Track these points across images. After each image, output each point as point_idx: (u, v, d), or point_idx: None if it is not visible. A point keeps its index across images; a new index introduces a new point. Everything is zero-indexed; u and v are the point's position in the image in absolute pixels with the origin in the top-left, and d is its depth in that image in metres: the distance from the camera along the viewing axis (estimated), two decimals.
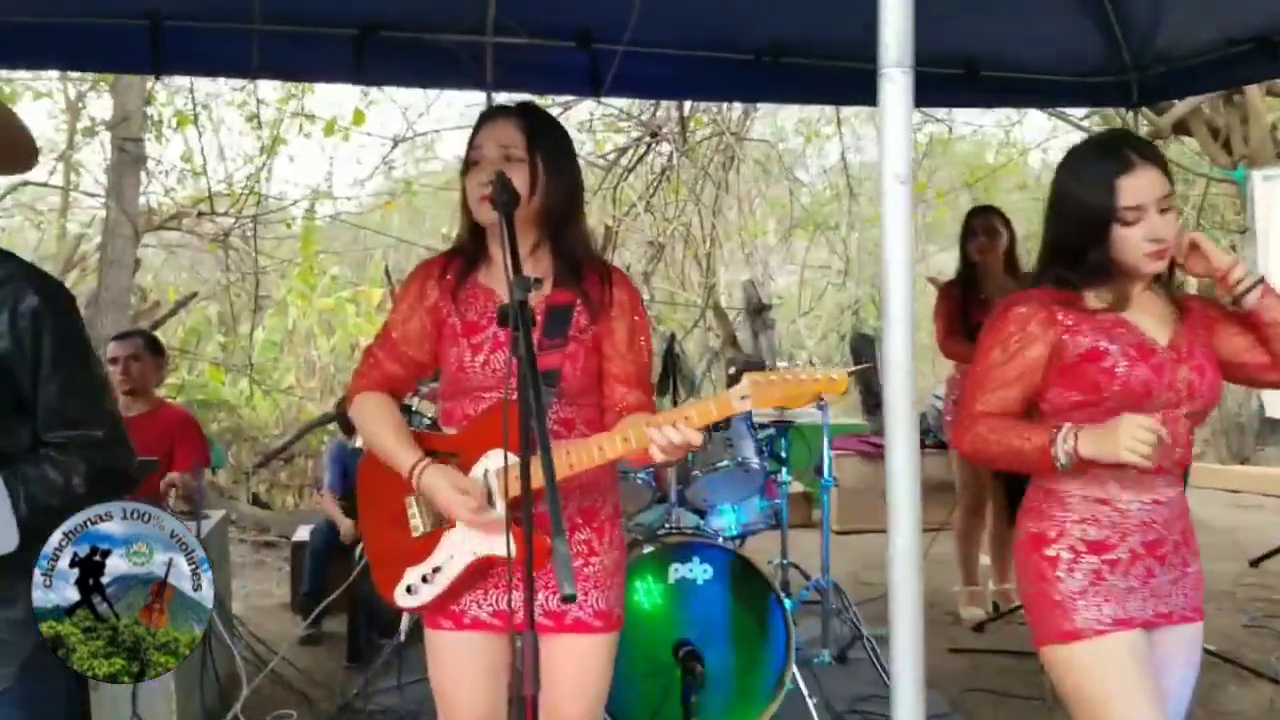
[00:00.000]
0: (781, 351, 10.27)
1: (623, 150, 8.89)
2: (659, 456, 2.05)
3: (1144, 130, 5.86)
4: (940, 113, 9.65)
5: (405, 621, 3.93)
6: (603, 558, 2.25)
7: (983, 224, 4.98)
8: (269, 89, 8.85)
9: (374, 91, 8.10)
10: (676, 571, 3.44)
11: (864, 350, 8.48)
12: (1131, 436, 2.01)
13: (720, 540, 3.75)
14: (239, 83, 8.26)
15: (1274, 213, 8.61)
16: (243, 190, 8.93)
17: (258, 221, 8.72)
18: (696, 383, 4.77)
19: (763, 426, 4.22)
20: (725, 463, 3.75)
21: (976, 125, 12.44)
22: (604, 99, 6.89)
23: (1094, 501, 2.18)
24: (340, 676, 4.59)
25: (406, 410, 4.21)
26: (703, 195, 9.28)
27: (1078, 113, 9.90)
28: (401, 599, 2.21)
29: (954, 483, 5.35)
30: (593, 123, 9.07)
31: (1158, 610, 2.19)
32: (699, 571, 3.45)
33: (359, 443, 4.44)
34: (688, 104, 8.29)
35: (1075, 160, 2.24)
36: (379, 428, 2.25)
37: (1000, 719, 4.13)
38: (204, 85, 8.81)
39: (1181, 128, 10.37)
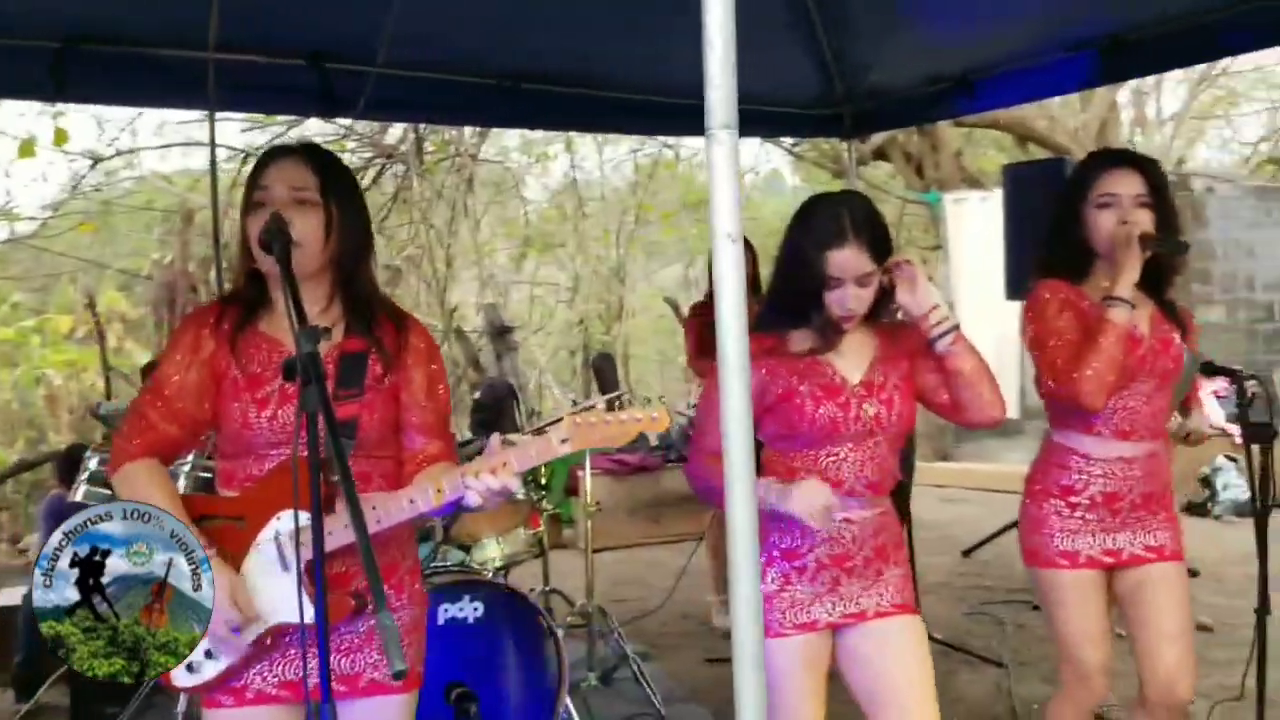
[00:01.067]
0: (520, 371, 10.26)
1: (355, 171, 8.61)
2: (476, 502, 1.98)
3: (852, 157, 6.28)
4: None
5: (182, 703, 3.58)
6: (401, 614, 2.15)
7: None
8: None
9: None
10: (446, 612, 3.35)
11: (606, 369, 8.62)
12: (806, 501, 2.24)
13: (489, 574, 3.69)
14: None
15: (962, 233, 9.42)
16: None
17: None
18: None
19: None
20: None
21: (695, 149, 12.92)
22: (334, 119, 6.69)
23: (787, 517, 2.34)
24: None
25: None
26: (436, 217, 9.15)
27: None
28: (180, 678, 2.01)
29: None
30: (303, 138, 8.70)
31: (846, 613, 2.41)
32: (469, 610, 3.38)
33: (80, 495, 4.04)
34: (423, 125, 8.14)
35: (805, 219, 2.42)
36: (149, 496, 1.98)
37: None
38: None
39: (880, 153, 11.25)
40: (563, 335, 15.24)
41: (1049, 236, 2.86)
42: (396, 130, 8.43)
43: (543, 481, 4.15)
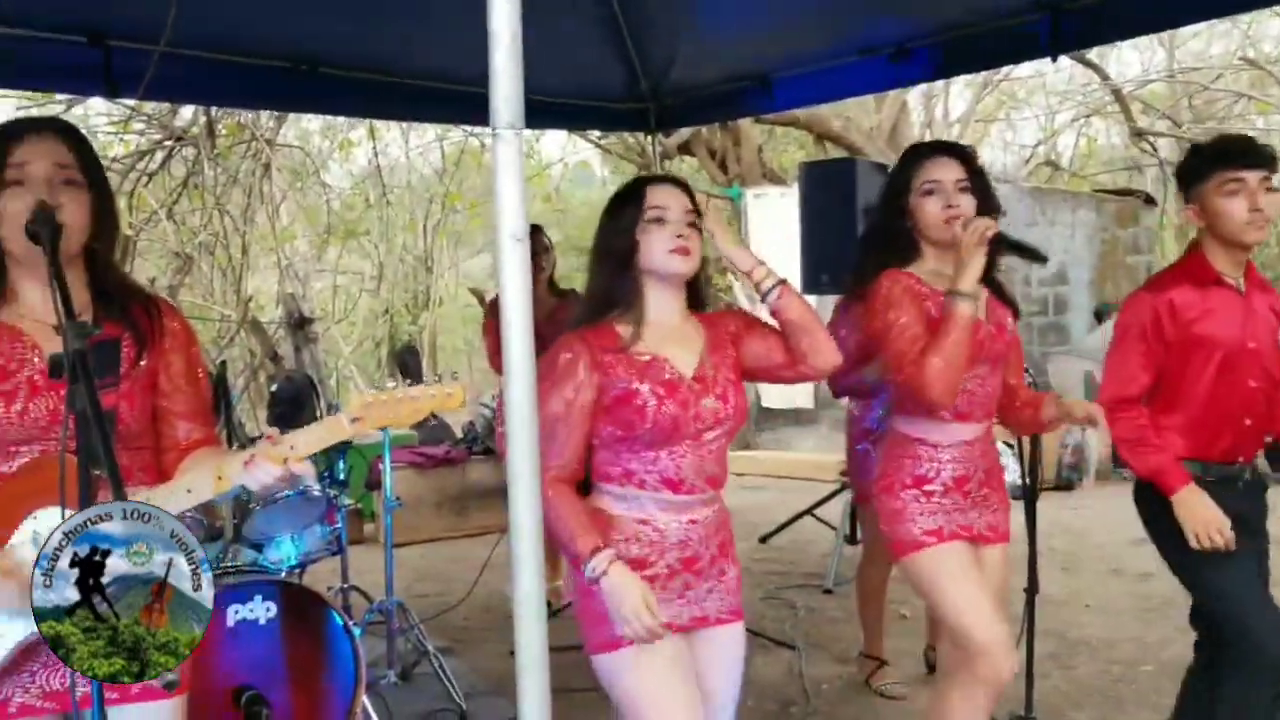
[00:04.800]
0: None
1: (142, 154, 8.17)
2: (256, 487, 1.91)
3: (656, 151, 6.40)
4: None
5: None
6: None
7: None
8: None
9: None
10: (236, 613, 3.23)
11: (410, 361, 8.48)
12: (629, 613, 2.16)
13: (282, 573, 3.58)
14: None
15: (764, 227, 9.71)
16: None
17: None
18: (235, 402, 4.51)
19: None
20: (285, 492, 3.58)
21: None
22: (118, 100, 6.33)
23: (637, 522, 2.33)
24: None
25: None
26: (230, 203, 8.79)
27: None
28: None
29: (504, 488, 5.50)
30: (86, 119, 8.23)
31: (694, 616, 2.37)
32: (260, 610, 3.27)
33: None
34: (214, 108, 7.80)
35: (608, 210, 2.44)
36: None
37: (571, 715, 4.32)
38: None
39: (685, 148, 11.47)
40: (367, 325, 14.93)
41: (876, 229, 2.97)
42: (187, 112, 8.05)
43: (341, 475, 4.07)
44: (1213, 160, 2.91)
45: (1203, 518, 2.83)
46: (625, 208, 2.38)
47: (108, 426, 1.63)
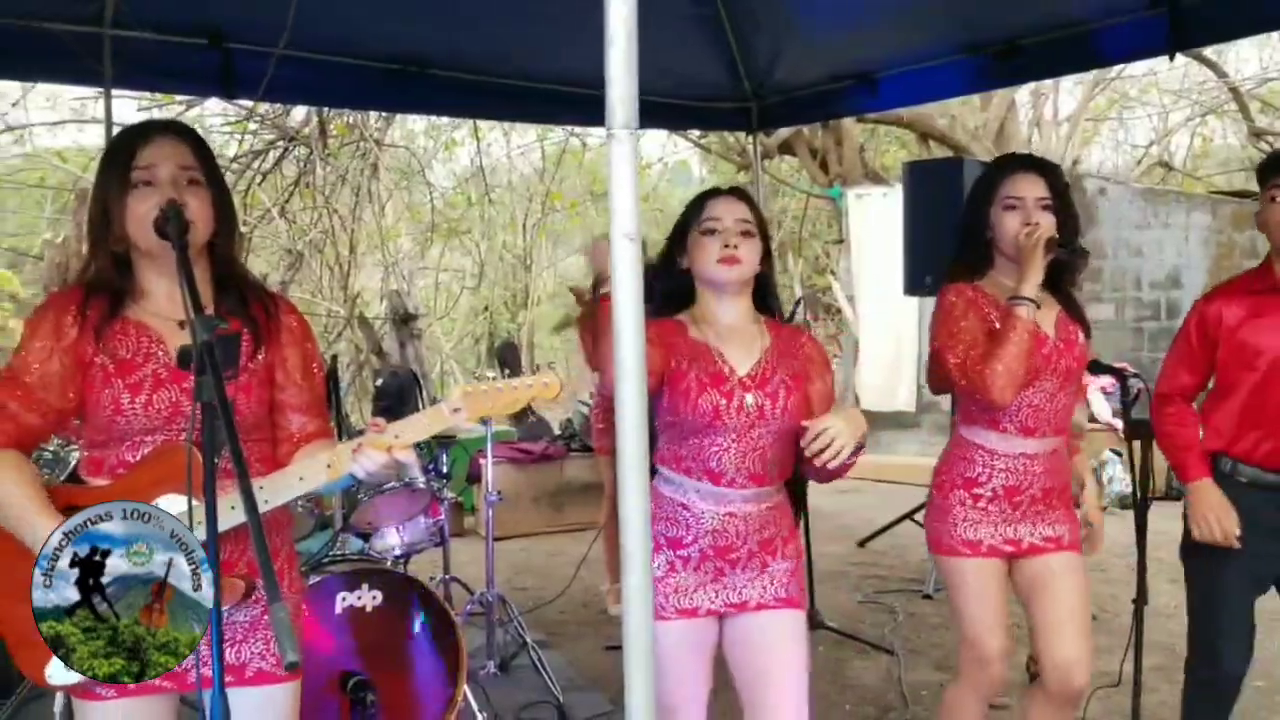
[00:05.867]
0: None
1: (256, 154, 8.42)
2: (362, 475, 1.97)
3: (756, 150, 6.37)
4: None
5: (59, 703, 3.47)
6: (287, 604, 2.13)
7: None
8: None
9: None
10: (344, 600, 3.32)
11: (509, 357, 8.60)
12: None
13: (388, 562, 3.67)
14: None
15: (865, 227, 9.61)
16: None
17: None
18: (344, 394, 4.63)
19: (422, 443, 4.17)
20: (392, 484, 3.67)
21: (602, 138, 12.90)
22: (234, 100, 6.54)
23: (677, 504, 2.45)
24: None
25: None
26: (339, 202, 9.01)
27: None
28: (57, 676, 1.94)
29: (600, 485, 5.55)
30: (202, 119, 8.50)
31: (728, 601, 2.46)
32: (367, 598, 3.36)
33: None
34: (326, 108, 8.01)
35: (677, 221, 2.61)
36: (9, 491, 1.95)
37: None
38: None
39: (786, 147, 11.39)
40: (467, 322, 15.15)
41: (957, 236, 2.97)
42: (299, 113, 8.27)
43: (444, 469, 4.14)
44: (1264, 169, 2.97)
45: (1210, 508, 2.96)
46: (685, 218, 2.55)
47: (233, 415, 1.69)
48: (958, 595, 2.87)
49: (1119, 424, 3.12)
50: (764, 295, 2.58)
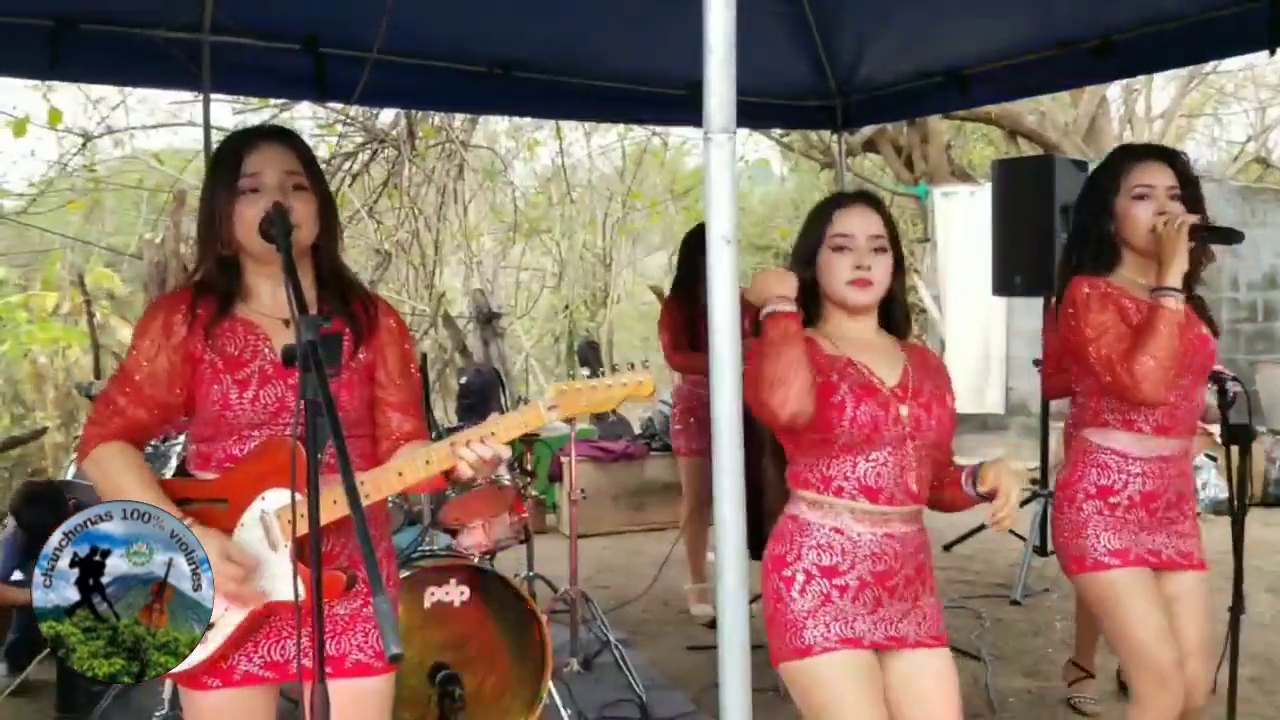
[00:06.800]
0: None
1: (348, 155, 8.60)
2: (467, 473, 2.01)
3: (841, 149, 6.31)
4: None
5: (167, 689, 3.57)
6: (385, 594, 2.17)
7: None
8: None
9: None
10: (433, 595, 3.38)
11: (590, 357, 8.64)
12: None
13: (475, 559, 3.72)
14: None
15: (951, 226, 9.47)
16: None
17: None
18: (430, 391, 4.70)
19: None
20: (478, 481, 3.71)
21: (684, 138, 12.91)
22: (327, 104, 6.67)
23: (831, 530, 2.28)
24: None
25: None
26: (425, 202, 9.15)
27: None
28: None
29: (680, 485, 5.55)
30: (293, 121, 8.69)
31: (889, 635, 2.29)
32: (455, 593, 3.41)
33: (69, 473, 4.04)
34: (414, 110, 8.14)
35: (802, 229, 2.44)
36: (123, 481, 2.01)
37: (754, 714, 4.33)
38: None
39: (870, 145, 11.26)
40: (548, 321, 15.25)
41: (1076, 231, 2.85)
42: (388, 115, 8.43)
43: (528, 467, 4.19)
44: None
45: None
46: (812, 229, 2.39)
47: (337, 412, 1.73)
48: (1114, 614, 2.67)
49: (1214, 428, 2.98)
50: (890, 313, 2.43)
